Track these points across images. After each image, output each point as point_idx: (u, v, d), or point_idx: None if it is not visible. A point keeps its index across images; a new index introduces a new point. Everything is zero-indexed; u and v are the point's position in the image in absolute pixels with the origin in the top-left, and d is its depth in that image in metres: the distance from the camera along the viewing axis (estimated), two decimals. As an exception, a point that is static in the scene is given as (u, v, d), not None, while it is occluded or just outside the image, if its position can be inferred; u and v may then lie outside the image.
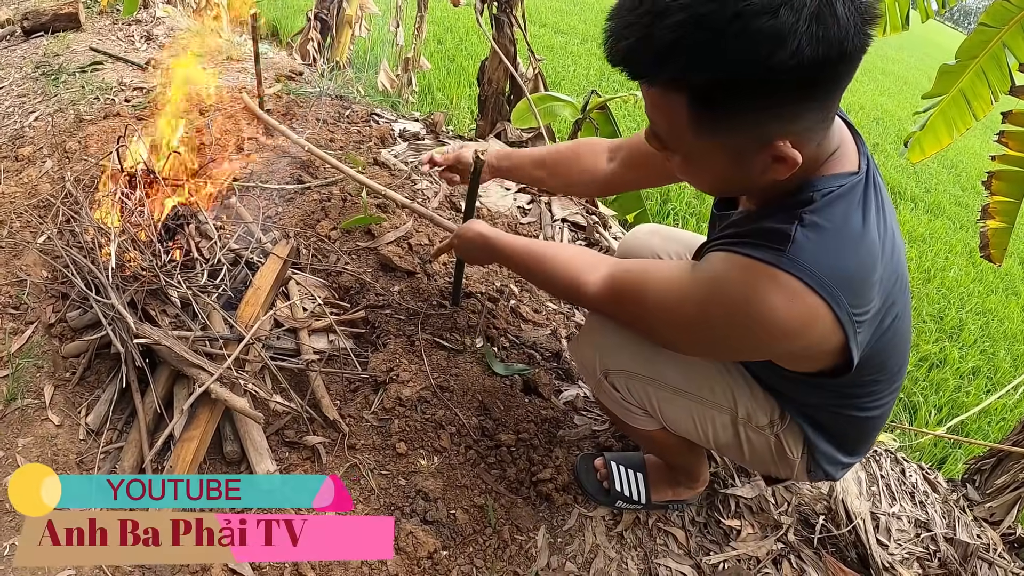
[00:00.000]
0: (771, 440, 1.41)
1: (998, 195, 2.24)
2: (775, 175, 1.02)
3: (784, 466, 1.45)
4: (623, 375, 1.42)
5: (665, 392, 1.40)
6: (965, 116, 2.32)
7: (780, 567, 1.78)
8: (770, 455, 1.44)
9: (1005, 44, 2.15)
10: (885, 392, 1.31)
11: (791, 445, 1.40)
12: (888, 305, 1.14)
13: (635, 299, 1.27)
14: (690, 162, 1.09)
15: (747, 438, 1.42)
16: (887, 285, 1.11)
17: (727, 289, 1.07)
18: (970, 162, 9.90)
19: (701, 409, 1.41)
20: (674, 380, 1.40)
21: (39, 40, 3.78)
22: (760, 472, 1.69)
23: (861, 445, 1.44)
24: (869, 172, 1.11)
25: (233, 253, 2.02)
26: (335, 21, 5.04)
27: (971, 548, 1.97)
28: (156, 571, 1.46)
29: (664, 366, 1.40)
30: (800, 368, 1.22)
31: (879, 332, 1.14)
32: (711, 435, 1.44)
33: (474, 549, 1.60)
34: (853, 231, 1.05)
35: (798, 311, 1.01)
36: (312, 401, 1.77)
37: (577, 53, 9.23)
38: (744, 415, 1.40)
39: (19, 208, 2.29)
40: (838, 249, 1.03)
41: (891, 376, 1.28)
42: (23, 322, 1.90)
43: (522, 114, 2.87)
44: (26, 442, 1.65)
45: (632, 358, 1.41)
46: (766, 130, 0.97)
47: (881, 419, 1.37)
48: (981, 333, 4.68)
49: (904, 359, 1.31)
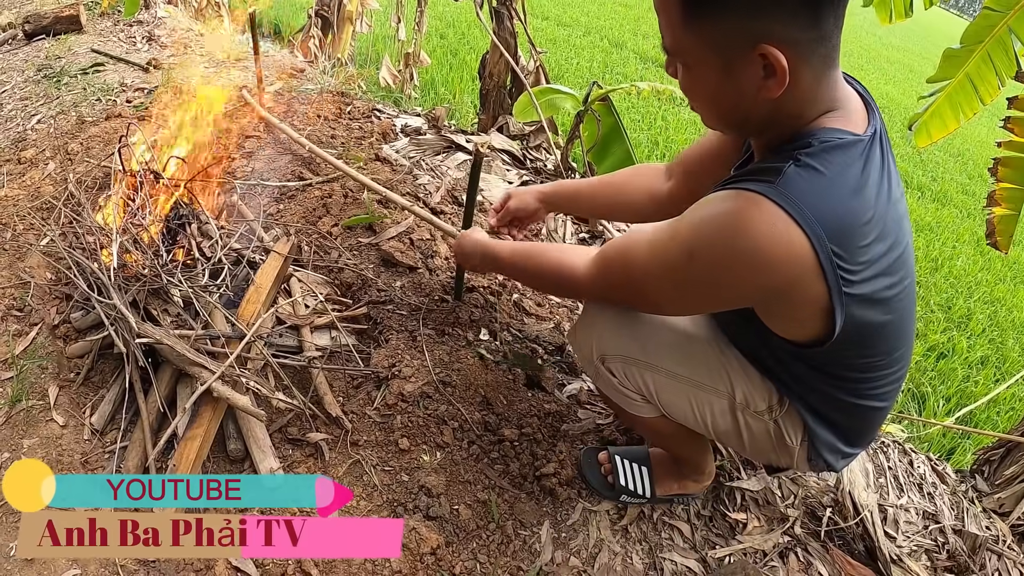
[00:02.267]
0: (770, 426, 1.39)
1: (1004, 182, 2.22)
2: (768, 93, 1.03)
3: (784, 454, 1.43)
4: (619, 360, 1.42)
5: (661, 376, 1.41)
6: (972, 101, 2.29)
7: (787, 560, 1.77)
8: (770, 442, 1.42)
9: (1011, 29, 2.12)
10: (886, 379, 1.29)
11: (790, 432, 1.39)
12: (886, 276, 1.11)
13: (622, 263, 1.28)
14: (689, 72, 1.10)
15: (746, 424, 1.41)
16: (885, 254, 1.09)
17: (711, 217, 1.07)
18: (976, 150, 9.83)
19: (698, 394, 1.40)
20: (670, 364, 1.40)
21: (41, 43, 3.79)
22: (761, 461, 1.68)
23: (863, 435, 1.42)
24: (877, 138, 1.11)
25: (235, 253, 2.02)
26: (336, 18, 5.04)
27: (980, 540, 1.95)
28: (160, 569, 1.47)
29: (660, 350, 1.40)
30: (787, 330, 1.19)
31: (875, 306, 1.12)
32: (709, 422, 1.43)
33: (477, 544, 1.60)
34: (848, 180, 1.04)
35: (777, 239, 1.00)
36: (315, 398, 1.77)
37: (580, 46, 9.21)
38: (742, 400, 1.38)
39: (22, 210, 2.29)
40: (828, 192, 1.02)
41: (891, 360, 1.26)
42: (27, 324, 1.90)
43: (524, 107, 2.86)
44: (31, 443, 1.65)
45: (628, 342, 1.41)
46: (752, 27, 0.98)
47: (883, 410, 1.36)
48: (989, 322, 4.65)
49: (906, 344, 1.28)
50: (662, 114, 7.01)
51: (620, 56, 9.34)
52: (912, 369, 3.82)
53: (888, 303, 1.14)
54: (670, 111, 7.16)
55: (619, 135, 2.83)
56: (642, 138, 6.04)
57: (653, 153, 5.80)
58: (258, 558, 1.48)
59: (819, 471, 1.56)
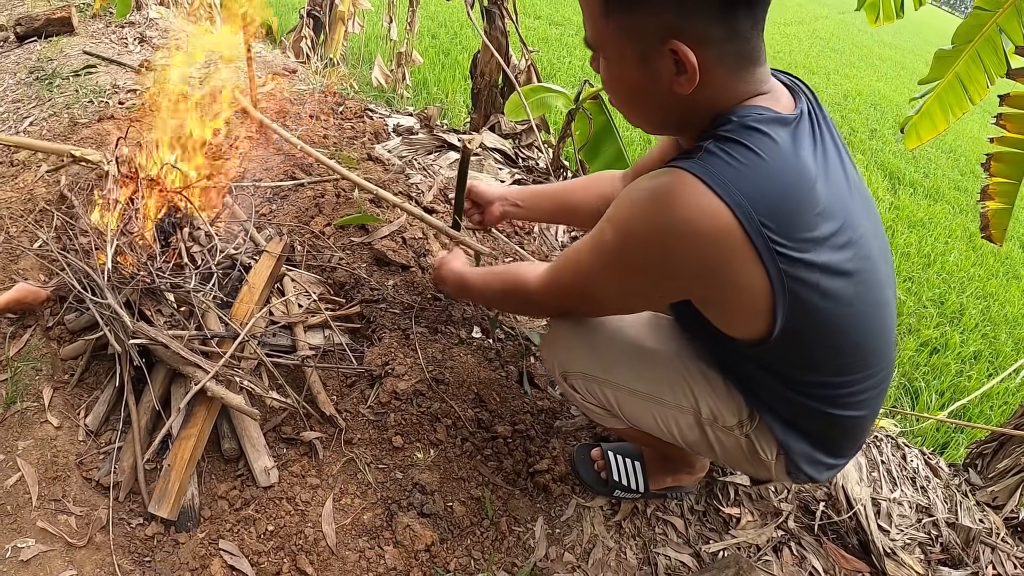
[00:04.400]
0: (742, 441, 1.35)
1: (997, 176, 2.23)
2: (680, 88, 1.04)
3: (760, 467, 1.38)
4: (580, 377, 1.43)
5: (622, 393, 1.40)
6: (961, 101, 2.31)
7: (780, 554, 1.78)
8: (743, 455, 1.38)
9: (1000, 27, 2.14)
10: (857, 386, 1.23)
11: (764, 446, 1.34)
12: (833, 255, 1.07)
13: (571, 266, 1.26)
14: (609, 66, 1.12)
15: (716, 438, 1.37)
16: (832, 236, 1.06)
17: (640, 193, 1.07)
18: (968, 146, 9.87)
19: (661, 410, 1.38)
20: (629, 381, 1.39)
21: (32, 45, 3.78)
22: (739, 472, 1.64)
23: (844, 446, 1.35)
24: (806, 117, 1.10)
25: (230, 258, 2.02)
26: (328, 18, 5.04)
27: (973, 533, 1.96)
28: (156, 568, 1.47)
29: (619, 366, 1.39)
30: (735, 326, 1.16)
31: (827, 296, 1.08)
32: (677, 434, 1.40)
33: (472, 541, 1.60)
34: (774, 154, 1.03)
35: (703, 211, 0.99)
36: (308, 397, 1.77)
37: (572, 44, 9.21)
38: (708, 415, 1.35)
39: (15, 213, 2.29)
40: (752, 165, 1.01)
41: (861, 364, 1.21)
42: (21, 325, 1.90)
43: (515, 106, 2.86)
44: (26, 444, 1.65)
45: (587, 359, 1.41)
46: (663, 22, 1.00)
47: (862, 419, 1.30)
48: (982, 317, 4.67)
49: (877, 347, 1.22)
50: (655, 112, 7.00)
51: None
52: (905, 364, 3.84)
53: (842, 293, 1.10)
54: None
55: (611, 133, 2.84)
56: (634, 136, 6.05)
57: (644, 151, 5.78)
58: (252, 557, 1.49)
59: (802, 483, 1.48)
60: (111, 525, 1.52)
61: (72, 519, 1.52)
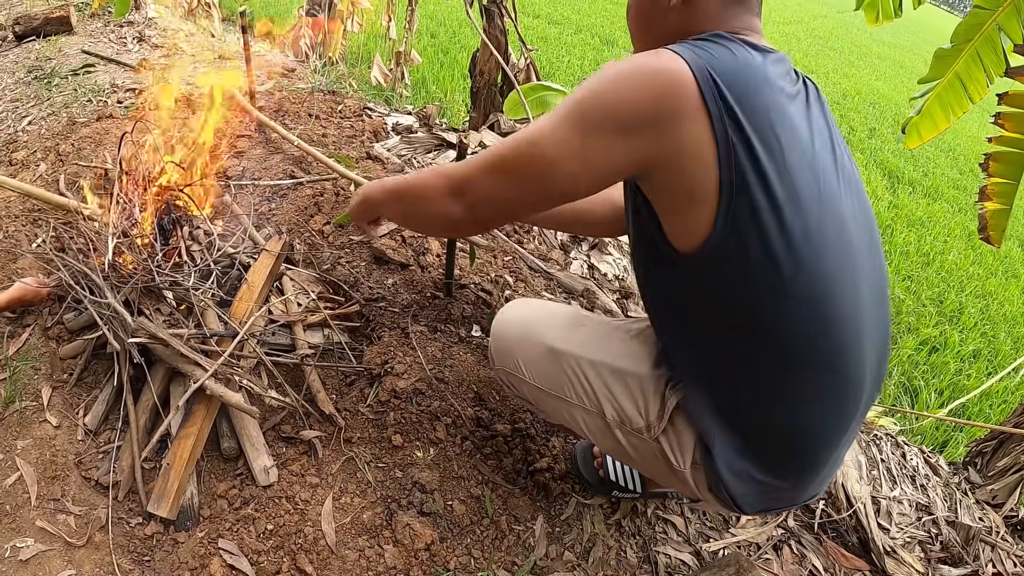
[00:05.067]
0: (653, 447, 1.28)
1: (996, 177, 2.23)
2: (681, 19, 1.15)
3: (677, 480, 1.29)
4: (503, 372, 1.50)
5: (532, 390, 1.43)
6: (961, 100, 2.31)
7: (780, 553, 1.78)
8: (660, 465, 1.30)
9: (1000, 26, 2.14)
10: (808, 381, 1.12)
11: (676, 451, 1.25)
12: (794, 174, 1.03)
13: (515, 137, 1.13)
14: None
15: (630, 444, 1.32)
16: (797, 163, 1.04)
17: (608, 66, 1.08)
18: (967, 145, 9.87)
19: (569, 409, 1.38)
20: (536, 379, 1.42)
21: (31, 44, 3.77)
22: (669, 488, 1.56)
23: (778, 460, 1.20)
24: (804, 88, 1.15)
25: (229, 257, 2.01)
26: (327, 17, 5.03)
27: (973, 531, 1.97)
28: (155, 568, 1.47)
29: (529, 365, 1.43)
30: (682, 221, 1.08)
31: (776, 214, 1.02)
32: (593, 438, 1.39)
33: (472, 540, 1.60)
34: (746, 59, 1.05)
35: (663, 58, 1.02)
36: (308, 396, 1.77)
37: (571, 43, 9.21)
38: (613, 416, 1.32)
39: (14, 212, 2.29)
40: (718, 52, 1.04)
41: (817, 349, 1.10)
42: (20, 325, 1.90)
43: (515, 105, 2.85)
44: (25, 444, 1.65)
45: (506, 357, 1.47)
46: None
47: (806, 431, 1.15)
48: (981, 316, 4.67)
49: (843, 341, 1.11)
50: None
51: (611, 54, 9.34)
52: (904, 362, 3.84)
53: (794, 237, 1.04)
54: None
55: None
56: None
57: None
58: (252, 556, 1.49)
59: (727, 507, 1.24)
60: (110, 524, 1.52)
61: (71, 518, 1.52)
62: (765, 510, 1.29)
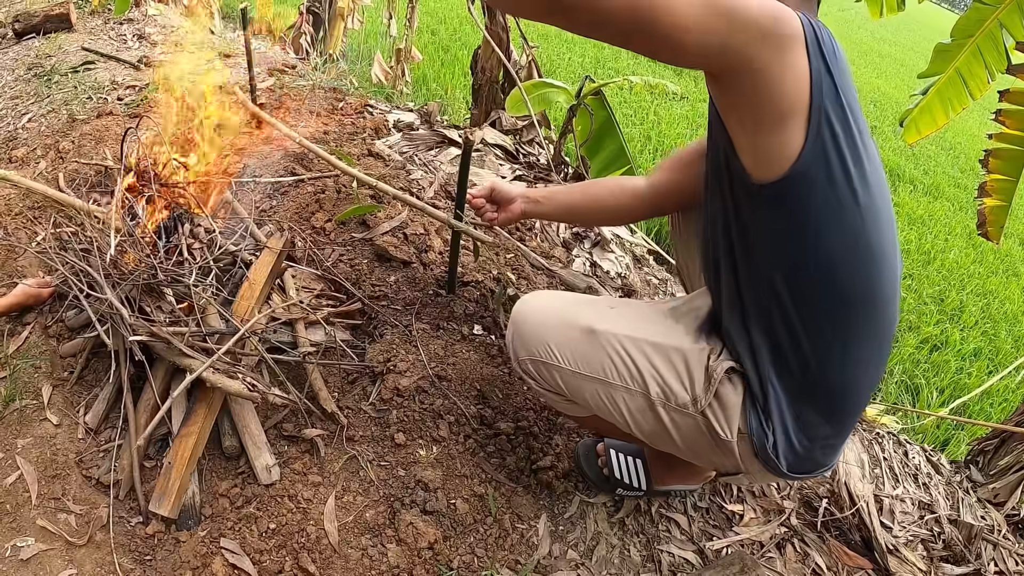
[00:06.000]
0: (699, 420, 1.30)
1: (995, 173, 2.22)
2: None
3: (724, 452, 1.31)
4: (530, 361, 1.43)
5: (567, 376, 1.40)
6: (961, 96, 2.30)
7: (784, 551, 1.77)
8: (705, 440, 1.32)
9: (1001, 23, 2.13)
10: (857, 339, 1.20)
11: (722, 422, 1.29)
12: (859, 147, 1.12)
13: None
14: None
15: (672, 422, 1.33)
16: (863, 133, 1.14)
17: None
18: (968, 144, 9.86)
19: (609, 391, 1.36)
20: (571, 362, 1.38)
21: (31, 42, 3.76)
22: (704, 465, 1.55)
23: (835, 405, 1.26)
24: None
25: (231, 255, 2.01)
26: (327, 14, 5.02)
27: (975, 530, 1.96)
28: (157, 567, 1.46)
29: (562, 348, 1.39)
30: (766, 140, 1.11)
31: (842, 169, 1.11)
32: (631, 421, 1.37)
33: (475, 538, 1.60)
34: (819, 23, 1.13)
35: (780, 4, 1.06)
36: (310, 394, 1.76)
37: (572, 41, 9.18)
38: (658, 394, 1.33)
39: (14, 209, 2.28)
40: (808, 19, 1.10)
41: (866, 304, 1.19)
42: (20, 323, 1.89)
43: (516, 101, 2.85)
44: (25, 443, 1.64)
45: (536, 342, 1.42)
46: None
47: (860, 369, 1.23)
48: (982, 314, 4.66)
49: (883, 298, 1.20)
50: (655, 109, 7.00)
51: (612, 51, 9.32)
52: (905, 361, 3.84)
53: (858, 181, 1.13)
54: (663, 106, 7.16)
55: (612, 129, 2.83)
56: (635, 132, 6.04)
57: (646, 148, 5.79)
58: (254, 555, 1.48)
59: (772, 469, 1.30)
60: (111, 523, 1.51)
61: (72, 518, 1.52)
62: (803, 474, 1.32)
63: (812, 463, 1.31)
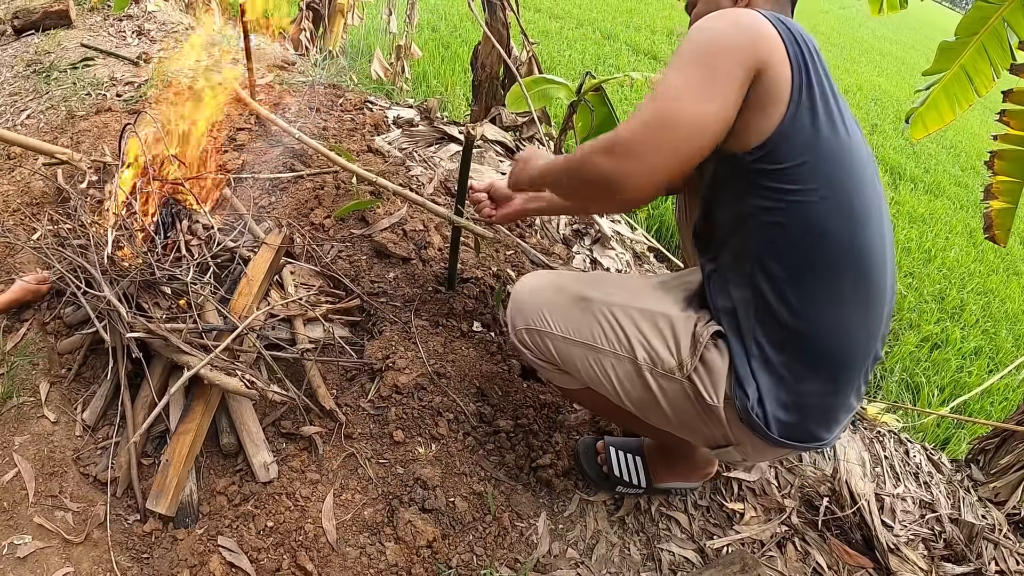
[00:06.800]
0: (685, 386, 1.32)
1: (1001, 175, 2.22)
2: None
3: (712, 419, 1.33)
4: (525, 330, 1.48)
5: (559, 342, 1.44)
6: (967, 92, 2.30)
7: (784, 550, 1.77)
8: (693, 409, 1.34)
9: (1006, 21, 2.13)
10: (846, 298, 1.23)
11: (708, 386, 1.30)
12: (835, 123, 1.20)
13: (650, 97, 1.19)
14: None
15: (660, 389, 1.35)
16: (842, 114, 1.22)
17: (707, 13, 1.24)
18: (969, 142, 9.86)
19: (597, 356, 1.40)
20: (564, 329, 1.43)
21: (30, 38, 3.75)
22: (696, 440, 1.53)
23: (821, 362, 1.26)
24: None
25: (229, 251, 2.00)
26: (327, 10, 5.00)
27: (976, 528, 1.96)
28: (153, 566, 1.45)
29: (553, 314, 1.44)
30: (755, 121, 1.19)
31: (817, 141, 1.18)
32: (620, 389, 1.40)
33: (474, 537, 1.59)
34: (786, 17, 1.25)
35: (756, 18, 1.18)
36: (308, 391, 1.76)
37: (572, 38, 9.17)
38: (645, 359, 1.35)
39: (12, 206, 2.27)
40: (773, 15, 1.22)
41: (850, 253, 1.22)
42: (18, 319, 1.88)
43: (517, 97, 2.84)
44: (23, 440, 1.63)
45: (531, 310, 1.47)
46: None
47: (842, 329, 1.25)
48: (983, 313, 4.66)
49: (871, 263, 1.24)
50: (655, 106, 6.98)
51: (612, 48, 9.31)
52: (906, 359, 3.83)
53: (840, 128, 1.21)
54: (663, 103, 7.13)
55: (613, 125, 2.81)
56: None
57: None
58: (252, 553, 1.47)
59: (760, 435, 1.29)
60: (108, 521, 1.51)
61: (69, 515, 1.51)
62: (796, 442, 1.30)
63: (805, 432, 1.29)
